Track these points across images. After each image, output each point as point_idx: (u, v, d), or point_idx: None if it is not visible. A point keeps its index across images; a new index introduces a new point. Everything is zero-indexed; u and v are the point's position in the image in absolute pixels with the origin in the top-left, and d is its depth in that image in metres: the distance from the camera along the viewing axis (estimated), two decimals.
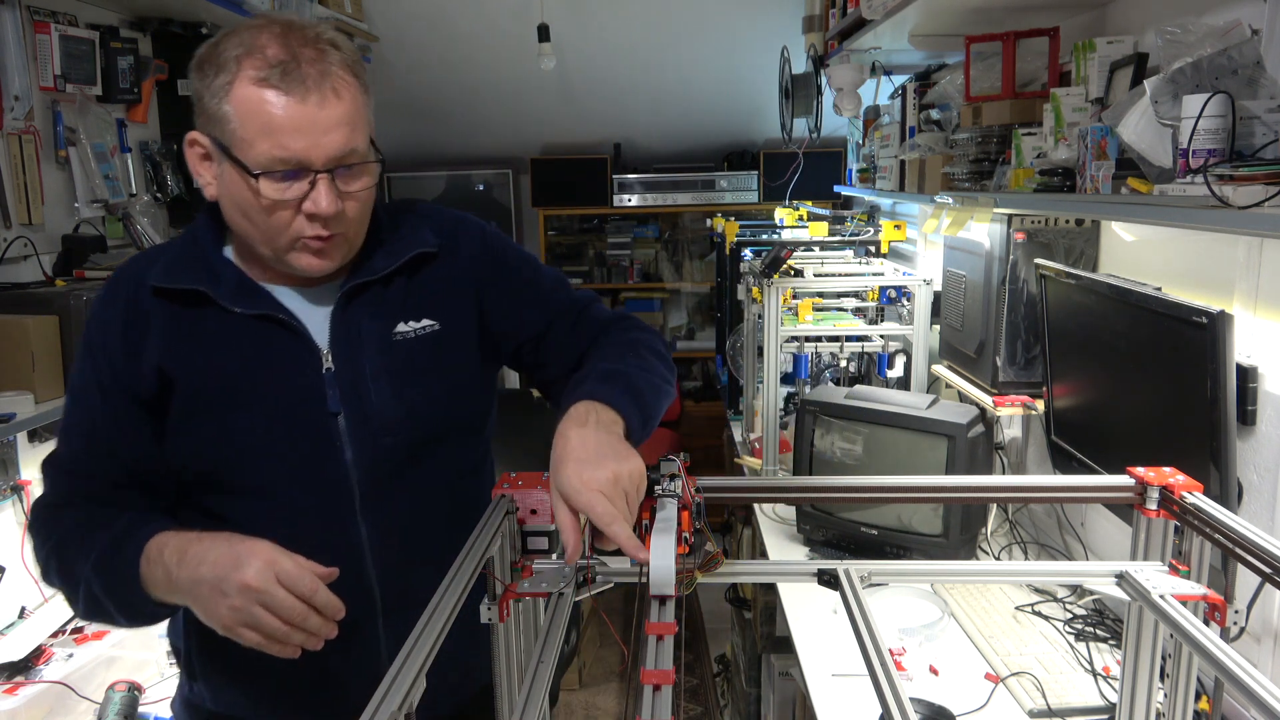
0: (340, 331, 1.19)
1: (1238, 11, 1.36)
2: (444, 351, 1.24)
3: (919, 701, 1.45)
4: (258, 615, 0.98)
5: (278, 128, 1.05)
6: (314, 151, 1.06)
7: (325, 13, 3.10)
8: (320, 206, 1.08)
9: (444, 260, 1.26)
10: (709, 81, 4.22)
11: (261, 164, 1.05)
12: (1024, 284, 1.90)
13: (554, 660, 0.86)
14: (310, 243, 1.12)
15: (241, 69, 1.05)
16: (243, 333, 1.16)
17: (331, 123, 1.07)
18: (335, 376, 1.18)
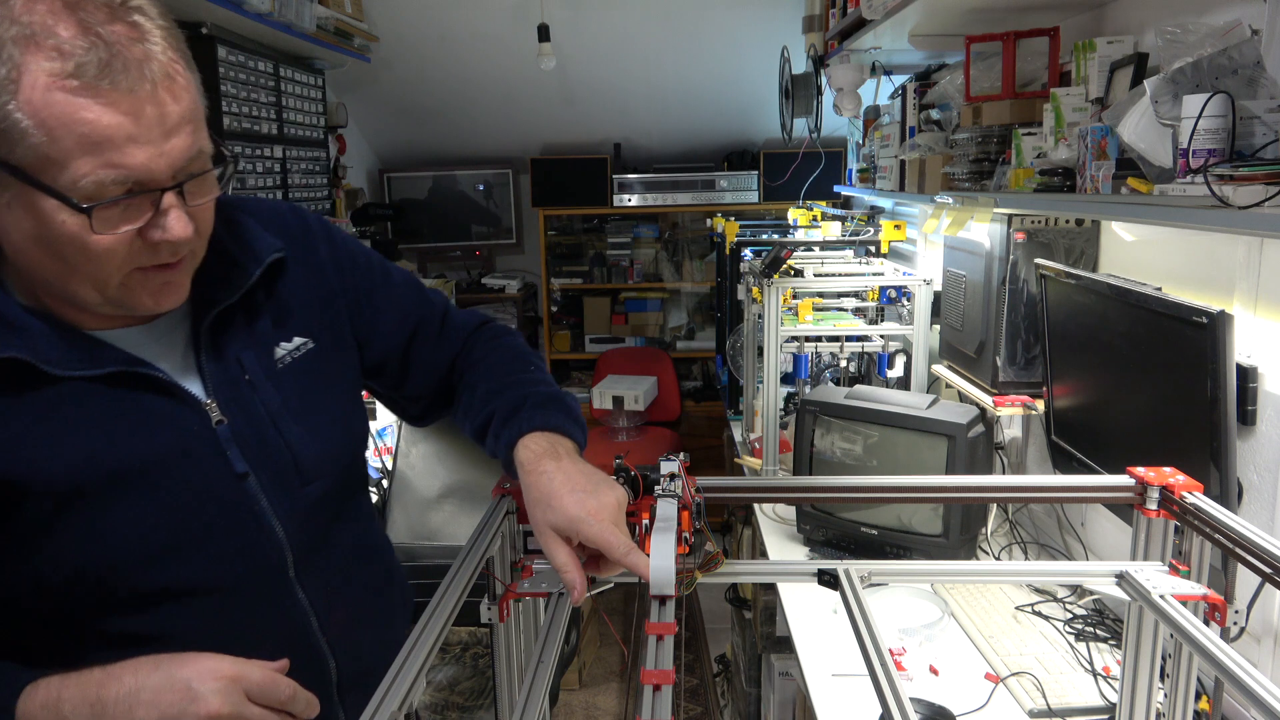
0: (219, 374, 0.97)
1: (1238, 11, 1.36)
2: (329, 371, 1.06)
3: (919, 701, 1.45)
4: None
5: (106, 139, 0.78)
6: (158, 163, 0.82)
7: (325, 13, 3.10)
8: (173, 232, 0.84)
9: (296, 264, 1.06)
10: (709, 81, 4.22)
11: (88, 191, 0.79)
12: (1024, 284, 1.90)
13: (554, 660, 0.86)
14: (153, 275, 0.87)
15: (29, 61, 0.76)
16: (93, 401, 0.89)
17: (174, 123, 0.82)
18: (231, 430, 0.96)
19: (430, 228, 4.81)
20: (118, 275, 0.85)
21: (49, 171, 0.79)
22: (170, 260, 0.88)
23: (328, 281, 1.09)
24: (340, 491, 1.08)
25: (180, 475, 0.93)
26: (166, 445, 0.93)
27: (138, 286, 0.87)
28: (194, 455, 0.94)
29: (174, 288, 0.91)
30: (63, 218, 0.80)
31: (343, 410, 1.09)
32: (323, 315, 1.08)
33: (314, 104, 3.28)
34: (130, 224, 0.83)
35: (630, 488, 0.96)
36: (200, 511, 0.94)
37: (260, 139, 2.84)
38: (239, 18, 2.56)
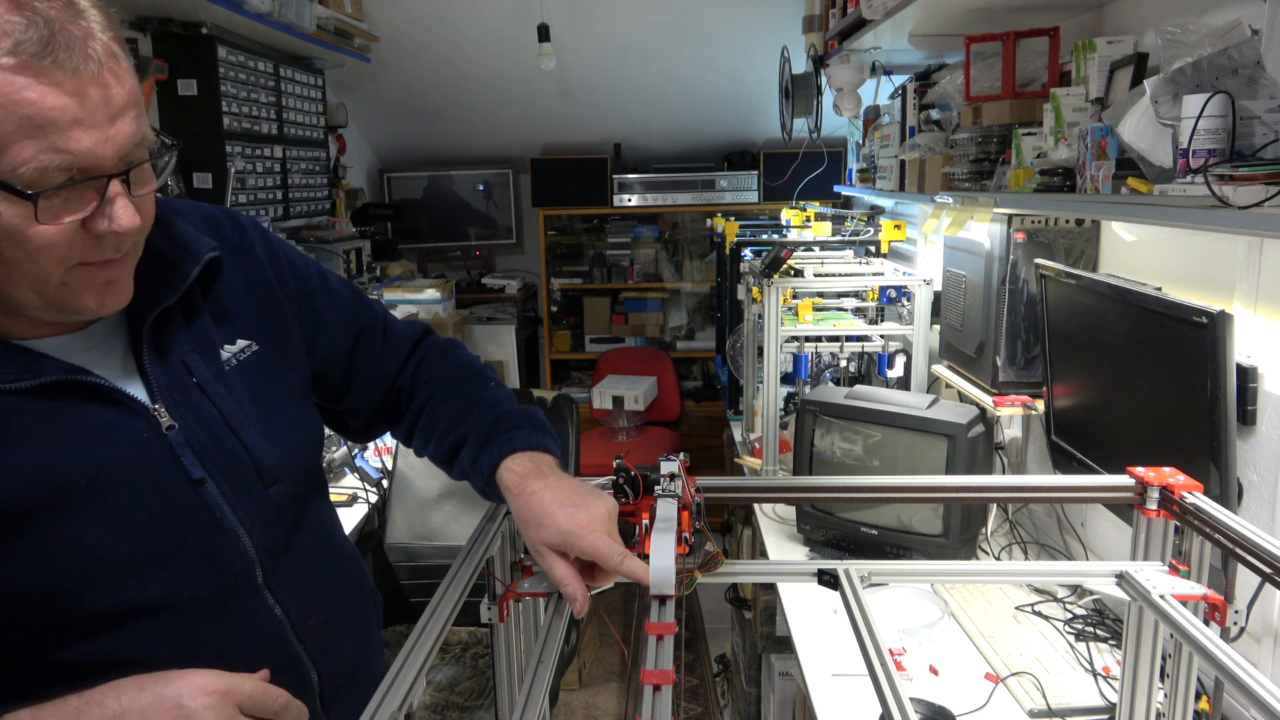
0: (165, 377, 0.92)
1: (1238, 11, 1.36)
2: (276, 372, 1.02)
3: (919, 701, 1.45)
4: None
5: (50, 122, 0.74)
6: (104, 149, 0.77)
7: (325, 13, 3.10)
8: (120, 222, 0.79)
9: (232, 266, 1.01)
10: (709, 81, 4.22)
11: (29, 178, 0.74)
12: (1024, 284, 1.90)
13: (554, 660, 0.86)
14: (96, 272, 0.82)
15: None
16: (31, 415, 0.83)
17: (119, 106, 0.78)
18: (183, 435, 0.91)
19: (430, 228, 4.81)
20: (58, 272, 0.80)
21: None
22: (114, 255, 0.82)
23: (268, 283, 1.04)
24: (301, 494, 1.04)
25: (132, 486, 0.87)
26: (115, 455, 0.87)
27: (80, 285, 0.82)
28: (145, 464, 0.89)
29: (118, 286, 0.85)
30: (4, 206, 0.75)
31: (296, 411, 1.04)
32: (265, 316, 1.03)
33: (314, 104, 3.28)
34: (74, 214, 0.77)
35: (630, 488, 0.96)
36: (157, 523, 0.89)
37: (260, 139, 2.84)
38: (239, 18, 2.56)
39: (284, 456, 0.99)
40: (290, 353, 1.05)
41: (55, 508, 0.83)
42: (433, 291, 3.79)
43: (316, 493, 1.09)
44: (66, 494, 0.84)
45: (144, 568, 0.88)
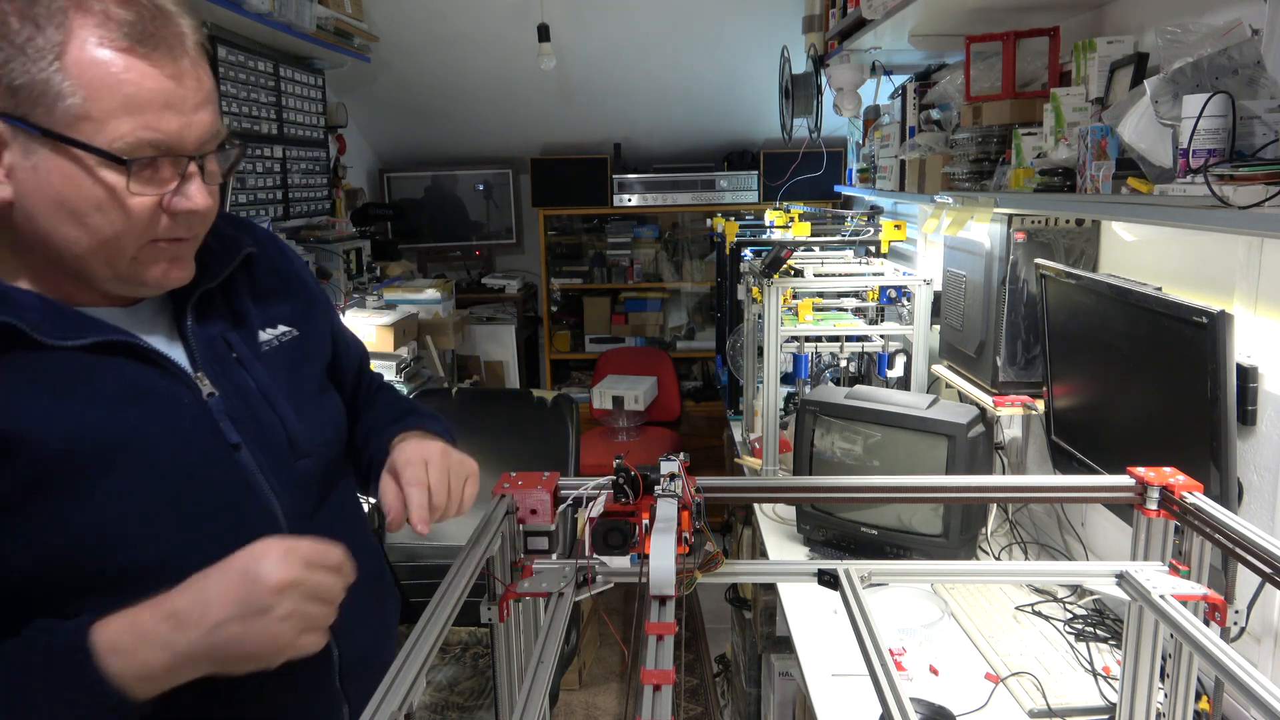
0: (207, 349, 0.98)
1: (1238, 11, 1.36)
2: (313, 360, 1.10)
3: (919, 701, 1.45)
4: (311, 612, 0.83)
5: (145, 103, 0.83)
6: (186, 133, 0.86)
7: (325, 13, 3.10)
8: (195, 201, 0.88)
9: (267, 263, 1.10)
10: (709, 81, 4.22)
11: (123, 150, 0.83)
12: (1024, 284, 1.90)
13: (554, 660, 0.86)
14: (165, 249, 0.90)
15: (75, 25, 0.81)
16: (82, 371, 0.89)
17: (202, 98, 0.87)
18: (223, 403, 0.97)
19: (430, 228, 4.81)
20: (135, 245, 0.88)
21: (84, 132, 0.82)
22: (185, 235, 0.91)
23: (305, 284, 1.14)
24: (328, 473, 1.08)
25: (172, 447, 0.92)
26: (157, 417, 0.92)
27: (149, 260, 0.90)
28: (185, 427, 0.94)
29: (182, 264, 0.93)
30: (100, 174, 0.83)
31: (325, 395, 1.11)
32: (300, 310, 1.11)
33: (314, 104, 3.28)
34: (157, 188, 0.86)
35: (630, 488, 0.96)
36: (193, 484, 0.93)
37: (260, 139, 2.84)
38: (239, 18, 2.56)
39: (314, 434, 1.05)
40: (322, 346, 1.13)
41: (97, 462, 0.87)
42: (433, 291, 3.79)
43: (342, 476, 1.13)
44: (108, 449, 0.88)
45: (177, 528, 0.91)
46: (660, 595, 0.81)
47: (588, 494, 0.99)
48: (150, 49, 0.83)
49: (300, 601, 0.82)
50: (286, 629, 0.81)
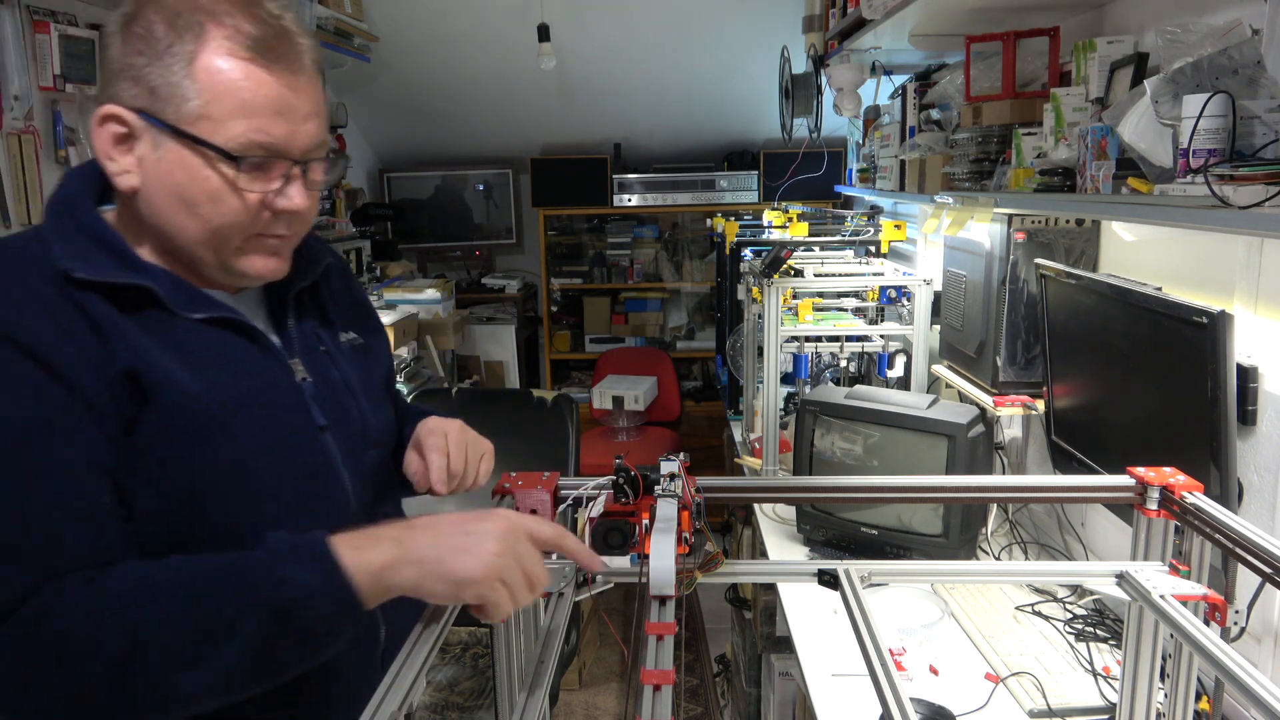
0: (302, 339, 1.07)
1: (1238, 11, 1.36)
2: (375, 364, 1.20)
3: (919, 701, 1.45)
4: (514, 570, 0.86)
5: (259, 108, 0.92)
6: (294, 139, 0.95)
7: (325, 13, 3.10)
8: (295, 202, 0.97)
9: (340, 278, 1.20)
10: (709, 81, 4.22)
11: (235, 150, 0.92)
12: (1024, 284, 1.90)
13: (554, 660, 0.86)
14: (265, 243, 0.99)
15: (209, 36, 0.91)
16: (202, 342, 0.97)
17: (309, 109, 0.97)
18: (313, 388, 1.05)
19: (430, 228, 4.81)
20: (239, 236, 0.97)
21: (203, 130, 0.91)
22: (285, 232, 1.00)
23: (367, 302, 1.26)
24: (386, 467, 1.17)
25: (272, 420, 1.00)
26: (261, 391, 1.00)
27: (251, 251, 0.99)
28: (281, 405, 1.02)
29: (280, 259, 1.02)
30: (214, 169, 0.93)
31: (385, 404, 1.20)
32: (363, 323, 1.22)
33: None
34: (263, 186, 0.95)
35: (630, 488, 0.96)
36: (285, 458, 1.00)
37: None
38: None
39: (383, 428, 1.15)
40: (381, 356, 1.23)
41: (218, 421, 0.95)
42: (433, 291, 3.79)
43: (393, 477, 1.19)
44: (227, 412, 0.96)
45: (270, 494, 0.99)
46: (660, 595, 0.81)
47: (588, 494, 1.00)
48: (270, 61, 0.92)
49: (511, 554, 0.86)
50: (496, 564, 0.84)
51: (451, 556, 0.85)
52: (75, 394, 0.86)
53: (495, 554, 0.85)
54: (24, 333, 0.85)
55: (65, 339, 0.87)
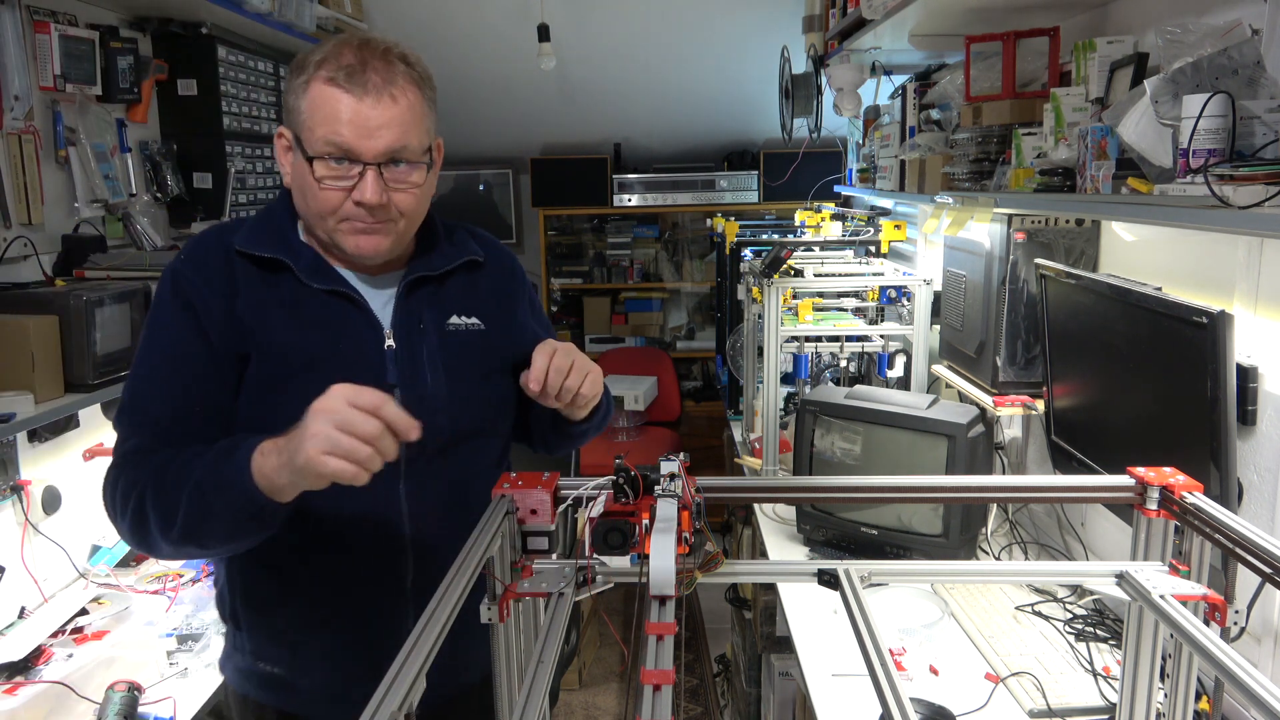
0: (402, 316, 1.31)
1: (1238, 11, 1.36)
2: (486, 349, 1.37)
3: (919, 701, 1.45)
4: (336, 438, 1.01)
5: (335, 119, 1.18)
6: (364, 144, 1.18)
7: (325, 13, 3.10)
8: (364, 195, 1.20)
9: (489, 272, 1.42)
10: (709, 81, 4.22)
11: (317, 149, 1.19)
12: (1024, 284, 1.90)
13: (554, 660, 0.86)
14: (355, 226, 1.23)
15: (318, 71, 1.19)
16: (316, 305, 1.27)
17: (382, 122, 1.19)
18: (395, 354, 1.29)
19: None
20: (332, 220, 1.22)
21: (305, 135, 1.20)
22: (367, 219, 1.22)
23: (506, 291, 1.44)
24: (457, 436, 1.33)
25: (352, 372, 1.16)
26: (351, 348, 1.27)
27: (345, 233, 1.23)
28: (359, 363, 1.27)
29: (372, 241, 1.24)
30: (307, 168, 1.20)
31: (483, 376, 1.37)
32: (495, 310, 1.40)
33: None
34: (337, 182, 1.20)
35: (630, 488, 0.96)
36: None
37: (260, 139, 2.84)
38: (239, 18, 2.56)
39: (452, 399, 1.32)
40: (501, 342, 1.39)
41: (300, 367, 1.23)
42: None
43: (472, 444, 1.37)
44: (310, 361, 1.24)
45: None
46: (660, 595, 0.81)
47: (588, 494, 1.00)
48: (352, 85, 1.17)
49: (327, 426, 1.01)
50: (312, 445, 1.01)
51: (295, 451, 1.03)
52: (200, 329, 1.23)
53: (313, 434, 1.01)
54: (184, 281, 1.25)
55: (209, 291, 1.24)
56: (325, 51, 1.21)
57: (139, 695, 1.68)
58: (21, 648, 1.81)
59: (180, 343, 1.23)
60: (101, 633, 1.90)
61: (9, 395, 1.67)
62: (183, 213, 2.56)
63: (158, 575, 2.22)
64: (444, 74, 4.34)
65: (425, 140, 1.24)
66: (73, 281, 1.97)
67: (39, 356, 1.73)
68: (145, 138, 2.51)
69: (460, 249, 1.39)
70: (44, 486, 2.07)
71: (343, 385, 1.04)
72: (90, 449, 2.25)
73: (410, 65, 1.23)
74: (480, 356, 1.37)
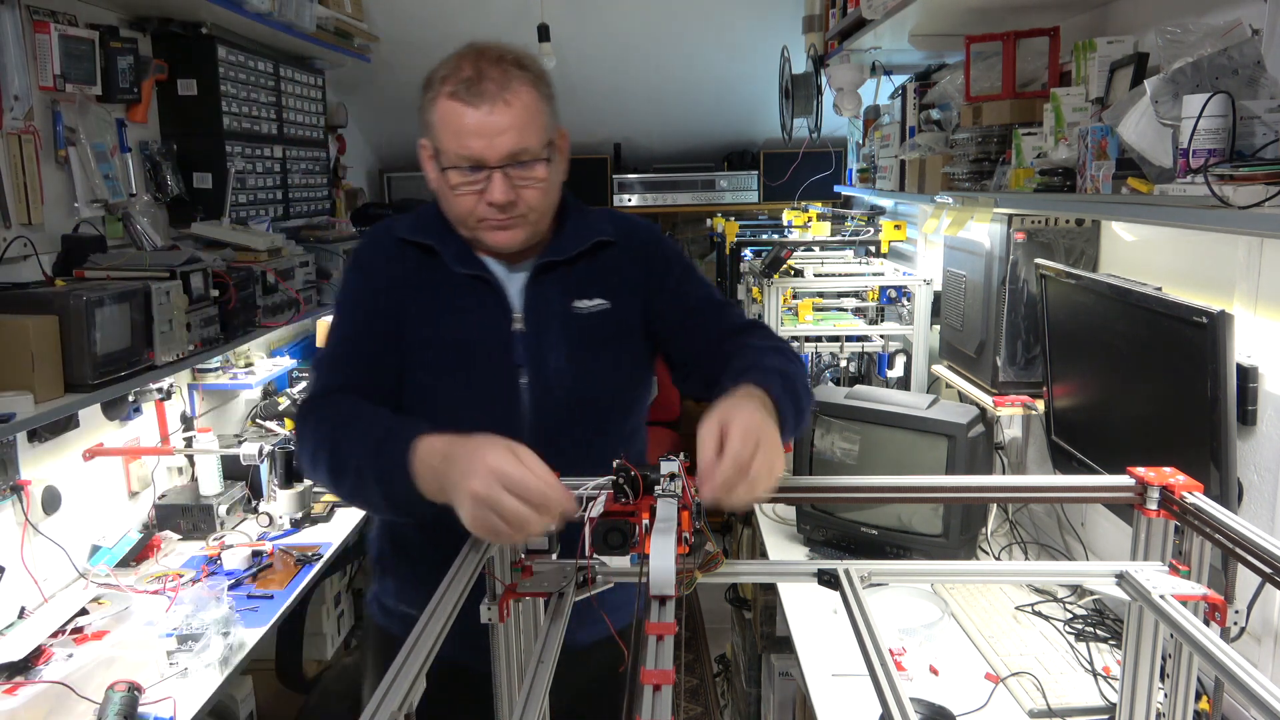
0: (531, 300, 1.40)
1: (1238, 11, 1.36)
2: (612, 329, 1.43)
3: (919, 701, 1.45)
4: (491, 521, 0.97)
5: (461, 131, 1.28)
6: (488, 151, 1.28)
7: (325, 13, 3.10)
8: (494, 197, 1.30)
9: (619, 250, 1.46)
10: (709, 81, 4.21)
11: (450, 160, 1.30)
12: (1024, 284, 1.90)
13: (554, 660, 0.86)
14: (490, 223, 1.33)
15: (442, 86, 1.30)
16: (459, 287, 1.38)
17: (502, 127, 1.28)
18: (522, 336, 1.38)
19: None
20: (471, 219, 1.33)
21: (440, 148, 1.31)
22: (499, 217, 1.32)
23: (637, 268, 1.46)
24: (580, 412, 1.39)
25: (484, 350, 1.37)
26: (485, 328, 1.38)
27: (484, 231, 1.34)
28: (489, 344, 1.37)
29: (507, 235, 1.34)
30: (443, 177, 1.32)
31: (609, 356, 1.42)
32: (623, 289, 1.44)
33: (314, 104, 3.28)
34: (469, 186, 1.30)
35: (630, 488, 0.96)
36: (484, 378, 1.37)
37: (260, 139, 2.84)
38: (239, 18, 2.56)
39: (575, 378, 1.39)
40: (629, 321, 1.44)
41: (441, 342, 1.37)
42: None
43: (608, 421, 1.44)
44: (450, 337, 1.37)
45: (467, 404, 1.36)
46: (660, 595, 0.81)
47: (588, 494, 1.00)
48: (473, 96, 1.27)
49: (485, 511, 0.97)
50: (470, 523, 0.99)
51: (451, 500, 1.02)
52: (375, 300, 1.39)
53: (471, 517, 0.98)
54: (364, 260, 1.43)
55: (384, 266, 1.40)
56: (447, 67, 1.32)
57: (139, 695, 1.68)
58: (21, 648, 1.81)
59: (361, 305, 1.40)
60: (101, 633, 1.90)
61: (9, 395, 1.67)
62: (183, 213, 2.56)
63: (158, 575, 2.22)
64: None
65: (544, 136, 1.32)
66: (73, 281, 1.97)
67: (39, 356, 1.73)
68: (145, 138, 2.51)
69: (591, 231, 1.45)
70: (44, 486, 2.07)
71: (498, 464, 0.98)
72: (90, 449, 2.26)
73: (524, 68, 1.32)
74: (607, 336, 1.43)
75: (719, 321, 1.48)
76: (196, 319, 2.15)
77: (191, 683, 1.79)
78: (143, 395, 2.42)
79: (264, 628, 2.04)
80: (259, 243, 2.59)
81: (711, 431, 1.00)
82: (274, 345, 3.35)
